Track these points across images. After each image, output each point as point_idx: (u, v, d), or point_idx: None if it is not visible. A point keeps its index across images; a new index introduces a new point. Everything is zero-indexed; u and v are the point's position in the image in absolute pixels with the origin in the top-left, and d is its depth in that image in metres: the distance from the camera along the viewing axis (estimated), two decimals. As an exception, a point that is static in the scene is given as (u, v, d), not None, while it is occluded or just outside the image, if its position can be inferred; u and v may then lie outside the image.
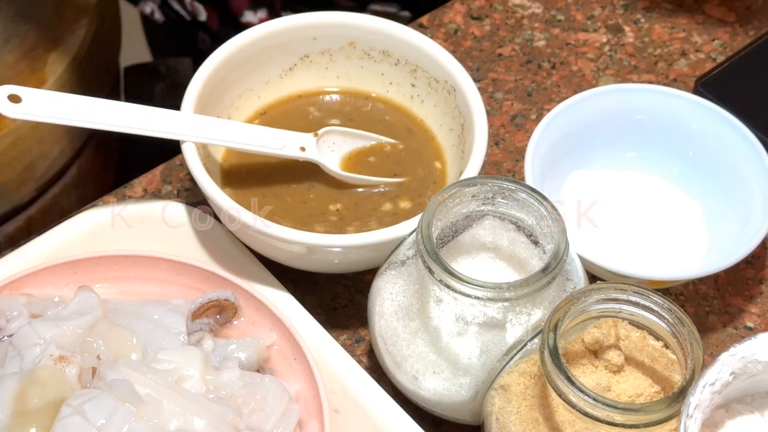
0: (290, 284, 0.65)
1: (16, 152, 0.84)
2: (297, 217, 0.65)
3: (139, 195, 0.71)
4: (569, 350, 0.56)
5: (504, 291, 0.55)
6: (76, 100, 0.62)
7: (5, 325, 0.58)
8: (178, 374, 0.56)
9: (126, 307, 0.60)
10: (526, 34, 0.80)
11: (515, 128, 0.76)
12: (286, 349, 0.61)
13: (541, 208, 0.57)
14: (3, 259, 0.64)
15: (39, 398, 0.53)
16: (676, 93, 0.70)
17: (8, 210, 0.86)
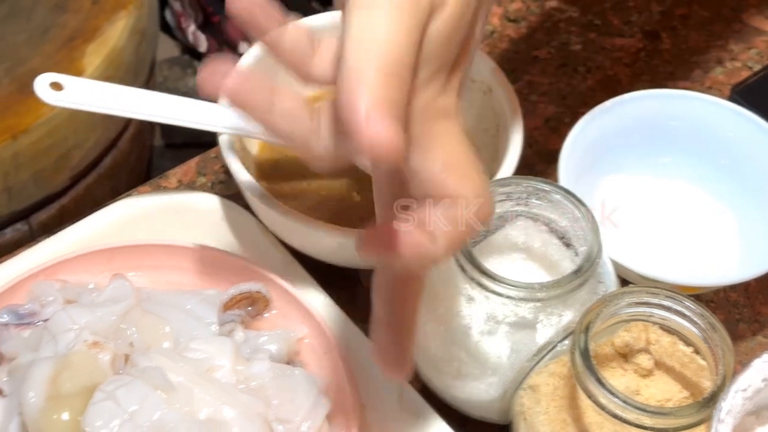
0: (322, 278, 0.65)
1: (52, 141, 0.85)
2: (331, 211, 0.65)
3: (173, 186, 0.72)
4: (599, 353, 0.56)
5: (536, 291, 0.55)
6: (118, 90, 0.62)
7: (40, 310, 0.59)
8: (209, 364, 0.56)
9: (159, 296, 0.60)
10: (563, 38, 0.80)
11: (549, 131, 0.76)
12: (316, 342, 0.61)
13: (575, 210, 0.57)
14: (39, 246, 0.64)
15: (72, 383, 0.54)
16: (711, 100, 0.70)
17: (42, 198, 0.87)
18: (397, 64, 0.44)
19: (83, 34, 0.87)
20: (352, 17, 0.44)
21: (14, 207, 0.85)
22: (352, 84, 0.43)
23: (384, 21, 0.44)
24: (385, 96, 0.43)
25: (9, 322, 0.58)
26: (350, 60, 0.43)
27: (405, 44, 0.44)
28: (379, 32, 0.44)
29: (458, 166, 0.47)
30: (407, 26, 0.45)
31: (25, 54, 0.87)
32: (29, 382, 0.54)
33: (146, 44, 0.93)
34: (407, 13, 0.45)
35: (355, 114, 0.42)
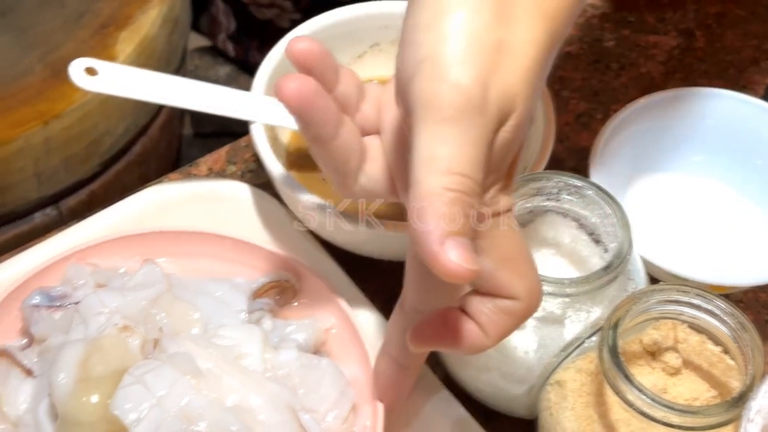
0: (350, 269, 0.65)
1: (83, 127, 0.85)
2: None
3: (204, 174, 0.72)
4: (627, 350, 0.56)
5: (565, 286, 0.55)
6: (152, 76, 0.62)
7: (72, 292, 0.59)
8: (237, 351, 0.57)
9: (189, 283, 0.61)
10: (596, 34, 0.80)
11: (580, 127, 0.76)
12: (343, 333, 0.61)
13: (606, 207, 0.57)
14: (71, 229, 0.65)
15: (102, 366, 0.54)
16: (746, 99, 0.69)
17: (72, 183, 0.88)
18: (468, 184, 0.44)
19: (116, 21, 0.88)
20: (421, 135, 0.44)
21: (44, 192, 0.86)
22: (424, 209, 0.43)
23: (453, 138, 0.44)
24: (457, 220, 0.43)
25: (40, 303, 0.59)
26: (422, 185, 0.44)
27: (475, 160, 0.44)
28: (449, 151, 0.44)
29: (513, 264, 0.48)
30: (476, 142, 0.44)
31: (58, 40, 0.87)
32: (59, 364, 0.54)
33: (178, 33, 0.94)
34: (475, 129, 0.44)
35: (429, 244, 0.43)
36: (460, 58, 0.44)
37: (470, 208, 0.44)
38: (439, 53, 0.44)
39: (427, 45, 0.45)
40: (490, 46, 0.45)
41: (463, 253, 0.43)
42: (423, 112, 0.44)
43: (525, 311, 0.48)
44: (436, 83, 0.44)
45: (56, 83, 0.84)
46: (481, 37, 0.45)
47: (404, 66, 0.46)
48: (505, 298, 0.48)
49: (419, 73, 0.45)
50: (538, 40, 0.47)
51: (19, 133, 0.81)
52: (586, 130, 0.75)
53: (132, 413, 0.52)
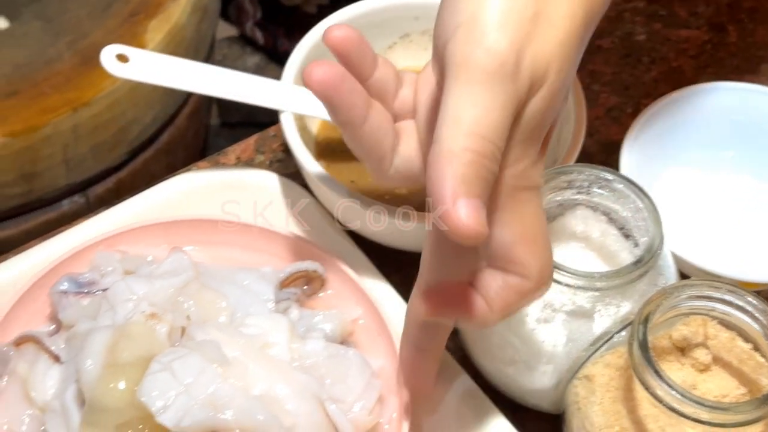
0: (377, 261, 0.65)
1: (112, 115, 0.85)
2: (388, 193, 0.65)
3: (232, 163, 0.72)
4: (656, 345, 0.56)
5: (595, 280, 0.54)
6: (182, 64, 0.62)
7: (100, 279, 0.59)
8: (264, 340, 0.56)
9: (216, 271, 0.61)
10: (627, 28, 0.80)
11: (610, 121, 0.75)
12: (370, 324, 0.61)
13: (637, 201, 0.57)
14: (99, 216, 0.65)
15: (129, 352, 0.54)
16: (778, 94, 0.69)
17: (100, 171, 0.88)
18: (489, 148, 0.44)
19: (146, 9, 0.88)
20: (450, 94, 0.45)
21: (72, 179, 0.86)
22: (441, 165, 0.44)
23: (481, 101, 0.45)
24: (473, 182, 0.44)
25: (68, 290, 0.59)
26: (444, 142, 0.44)
27: (500, 127, 0.45)
28: (475, 115, 0.45)
29: (531, 240, 0.48)
30: (503, 108, 0.45)
31: (87, 28, 0.87)
32: (87, 350, 0.54)
33: (207, 22, 0.94)
34: (505, 94, 0.45)
35: (442, 197, 0.43)
36: (496, 25, 0.45)
37: (488, 172, 0.45)
38: (477, 18, 0.46)
39: (466, 10, 0.46)
40: (527, 16, 0.46)
41: (474, 213, 0.43)
42: (456, 74, 0.45)
43: (533, 291, 0.49)
44: (472, 46, 0.45)
45: (85, 71, 0.84)
46: (519, 7, 0.46)
47: (442, 29, 0.47)
48: (516, 275, 0.48)
49: (456, 36, 0.46)
50: (574, 14, 0.47)
51: (49, 120, 0.81)
52: (617, 124, 0.75)
53: (159, 400, 0.52)
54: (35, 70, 0.84)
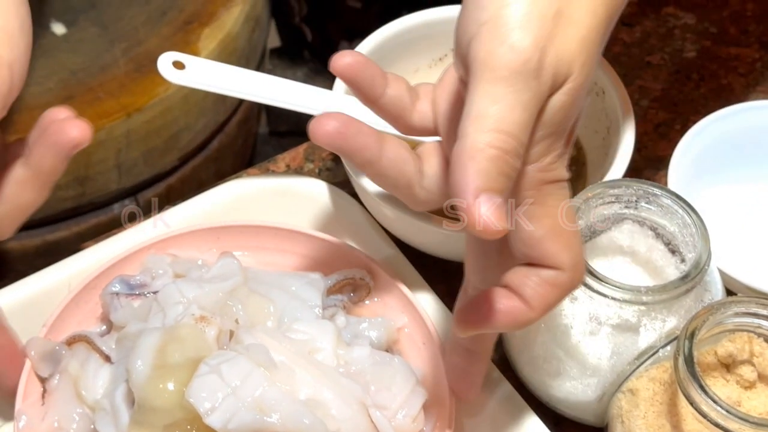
0: (422, 270, 0.65)
1: (164, 121, 0.87)
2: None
3: (281, 170, 0.73)
4: (701, 361, 0.56)
5: (642, 295, 0.55)
6: (236, 72, 0.63)
7: (151, 281, 0.61)
8: (311, 345, 0.57)
9: (265, 276, 0.61)
10: (677, 44, 0.80)
11: (658, 137, 0.75)
12: (415, 332, 0.61)
13: (685, 216, 0.57)
14: (151, 221, 0.66)
15: (179, 354, 0.55)
16: (829, 114, 0.68)
17: (151, 176, 0.89)
18: (511, 145, 0.45)
19: (200, 18, 0.89)
20: (475, 92, 0.46)
21: (124, 183, 0.87)
22: (464, 161, 0.45)
23: (505, 98, 0.45)
24: (495, 178, 0.45)
25: (120, 291, 0.60)
26: (467, 139, 0.45)
27: (522, 124, 0.46)
28: (498, 112, 0.45)
29: (559, 235, 0.49)
30: (526, 105, 0.46)
31: (142, 35, 0.89)
32: (138, 351, 0.55)
33: (259, 31, 0.95)
34: (528, 91, 0.46)
35: (464, 194, 0.44)
36: (520, 23, 0.46)
37: (510, 168, 0.45)
38: (501, 17, 0.46)
39: (489, 9, 0.47)
40: (550, 14, 0.47)
41: (495, 209, 0.44)
42: (480, 71, 0.46)
43: (569, 283, 0.49)
44: (496, 44, 0.46)
45: (139, 77, 0.86)
46: (542, 6, 0.47)
47: (465, 28, 0.48)
48: (549, 268, 0.48)
49: (480, 35, 0.47)
50: (595, 11, 0.48)
51: (103, 125, 0.83)
52: (665, 139, 0.75)
53: (207, 402, 0.53)
54: (90, 76, 0.86)
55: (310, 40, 1.14)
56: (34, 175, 0.52)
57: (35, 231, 0.87)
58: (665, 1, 0.82)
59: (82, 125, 0.51)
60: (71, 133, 0.50)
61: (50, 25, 0.90)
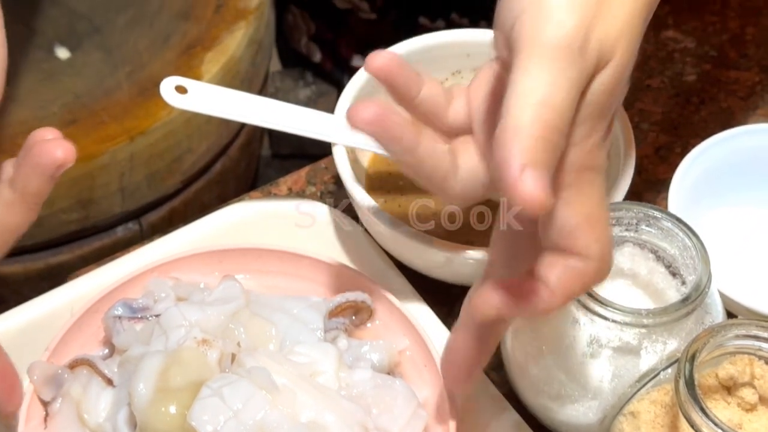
0: (424, 293, 0.66)
1: (167, 145, 0.87)
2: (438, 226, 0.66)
3: (284, 194, 0.73)
4: (702, 383, 0.56)
5: (642, 317, 0.55)
6: (239, 96, 0.64)
7: (153, 305, 0.61)
8: (313, 368, 0.57)
9: (267, 300, 0.62)
10: (677, 68, 0.80)
11: (659, 160, 0.75)
12: (417, 355, 0.62)
13: (685, 239, 0.57)
14: (153, 244, 0.66)
15: (181, 377, 0.55)
16: (829, 137, 0.69)
17: (154, 200, 0.90)
18: (556, 121, 0.45)
19: (203, 42, 0.90)
20: (518, 70, 0.46)
21: (127, 206, 0.88)
22: (509, 139, 0.44)
23: (549, 77, 0.45)
24: (540, 153, 0.44)
25: (122, 315, 0.60)
26: (511, 115, 0.45)
27: (567, 102, 0.46)
28: (543, 89, 0.45)
29: (593, 224, 0.48)
30: (571, 83, 0.46)
31: (146, 59, 0.89)
32: (140, 374, 0.55)
33: (262, 55, 0.95)
34: (573, 70, 0.46)
35: (508, 170, 0.44)
36: (565, 3, 0.47)
37: (555, 146, 0.45)
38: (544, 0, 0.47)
39: None
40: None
41: (540, 183, 0.43)
42: (525, 49, 0.46)
43: (595, 274, 0.48)
44: (541, 22, 0.46)
45: (142, 101, 0.86)
46: None
47: (507, 13, 0.48)
48: (577, 256, 0.48)
49: (524, 14, 0.47)
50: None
51: (106, 149, 0.83)
52: (665, 163, 0.75)
53: (209, 425, 0.53)
54: (94, 100, 0.86)
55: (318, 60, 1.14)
56: (20, 197, 0.51)
57: (38, 254, 0.88)
58: (665, 25, 0.82)
59: (67, 146, 0.51)
60: (55, 154, 0.50)
61: (54, 49, 0.91)
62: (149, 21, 0.92)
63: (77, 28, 0.91)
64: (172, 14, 0.91)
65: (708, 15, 0.83)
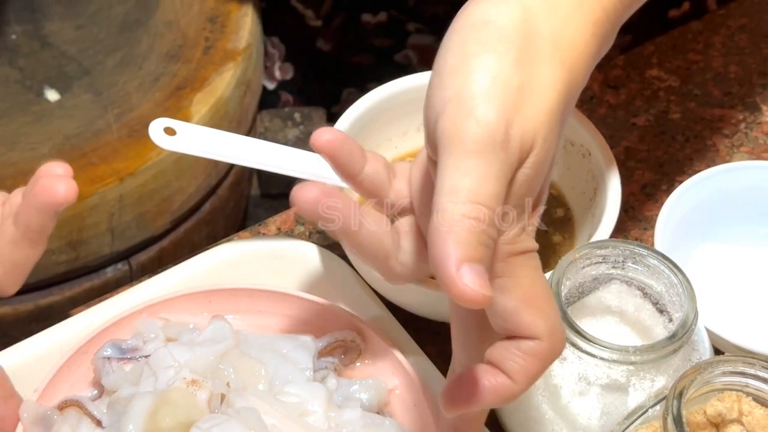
0: (413, 331, 0.66)
1: (157, 185, 0.87)
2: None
3: (272, 233, 0.74)
4: (691, 420, 0.56)
5: (630, 354, 0.55)
6: (227, 137, 0.64)
7: (142, 345, 0.61)
8: (302, 408, 0.57)
9: (256, 339, 0.62)
10: (662, 106, 0.81)
11: (645, 197, 0.76)
12: (406, 394, 0.62)
13: (671, 276, 0.57)
14: (143, 284, 0.66)
15: (170, 418, 0.55)
16: (813, 173, 0.69)
17: (143, 240, 0.90)
18: (486, 215, 0.46)
19: (192, 83, 0.90)
20: (445, 168, 0.47)
21: (117, 247, 0.88)
22: (442, 233, 0.45)
23: (476, 171, 0.46)
24: (474, 248, 0.45)
25: (112, 355, 0.60)
26: (442, 210, 0.46)
27: (495, 195, 0.46)
28: (471, 182, 0.46)
29: (534, 303, 0.49)
30: (496, 176, 0.46)
31: (135, 101, 0.90)
32: (129, 415, 0.55)
33: (250, 95, 0.96)
34: (497, 163, 0.47)
35: (446, 268, 0.45)
36: (484, 97, 0.47)
37: (488, 238, 0.46)
38: (465, 92, 0.47)
39: (454, 86, 0.48)
40: (513, 87, 0.48)
41: (478, 278, 0.44)
42: (448, 146, 0.47)
43: (549, 352, 0.48)
44: (462, 119, 0.47)
45: (132, 142, 0.87)
46: (505, 79, 0.48)
47: (432, 106, 0.49)
48: (527, 339, 0.48)
49: (446, 111, 0.47)
50: (556, 86, 0.49)
51: (96, 190, 0.84)
52: (651, 200, 0.76)
53: (198, 465, 0.53)
54: (84, 141, 0.87)
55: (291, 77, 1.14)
56: (23, 234, 0.52)
57: (28, 296, 0.88)
58: (650, 65, 0.83)
59: (69, 183, 0.51)
60: (56, 192, 0.51)
61: (44, 91, 0.91)
62: (138, 63, 0.92)
63: (67, 70, 0.92)
64: (161, 56, 0.92)
65: (692, 54, 0.84)
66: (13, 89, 0.91)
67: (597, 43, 0.52)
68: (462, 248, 0.45)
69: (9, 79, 0.91)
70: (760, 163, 0.71)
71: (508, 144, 0.47)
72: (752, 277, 0.69)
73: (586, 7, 0.52)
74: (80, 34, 0.94)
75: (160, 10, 0.95)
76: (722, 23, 0.86)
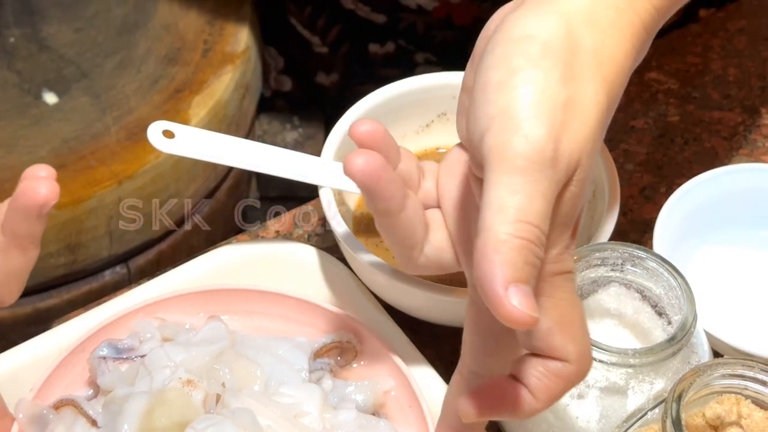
0: (411, 333, 0.65)
1: (155, 188, 0.87)
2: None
3: (271, 236, 0.74)
4: (689, 423, 0.55)
5: (629, 357, 0.55)
6: (226, 140, 0.64)
7: (138, 345, 0.61)
8: (297, 409, 0.57)
9: (252, 340, 0.62)
10: (661, 109, 0.81)
11: (644, 200, 0.76)
12: (402, 396, 0.61)
13: (670, 279, 0.57)
14: (140, 287, 0.66)
15: (165, 418, 0.55)
16: (812, 176, 0.69)
17: (142, 243, 0.90)
18: (534, 234, 0.45)
19: (190, 86, 0.90)
20: (492, 185, 0.46)
21: (115, 250, 0.88)
22: (490, 253, 0.44)
23: (523, 189, 0.45)
24: (522, 269, 0.44)
25: (108, 355, 0.60)
26: (489, 228, 0.45)
27: (543, 211, 0.45)
28: (519, 201, 0.45)
29: (567, 326, 0.48)
30: (544, 195, 0.46)
31: (133, 103, 0.90)
32: (124, 415, 0.55)
33: (249, 98, 0.96)
34: (545, 181, 0.46)
35: (493, 288, 0.44)
36: (532, 114, 0.46)
37: (535, 258, 0.45)
38: (512, 108, 0.46)
39: (499, 102, 0.47)
40: (560, 103, 0.47)
41: (526, 299, 0.44)
42: (496, 164, 0.46)
43: (575, 375, 0.48)
44: (510, 135, 0.46)
45: (130, 145, 0.87)
46: (552, 95, 0.47)
47: (476, 122, 0.48)
48: (556, 360, 0.48)
49: (492, 127, 0.46)
50: (600, 100, 0.48)
51: (94, 193, 0.84)
52: (650, 203, 0.75)
53: (193, 466, 0.53)
54: (82, 144, 0.87)
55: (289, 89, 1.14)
56: (12, 241, 0.51)
57: (26, 299, 0.88)
58: (649, 67, 0.83)
59: (50, 184, 0.50)
60: (37, 194, 0.50)
61: (42, 94, 0.91)
62: (137, 65, 0.92)
63: (65, 73, 0.92)
64: (159, 59, 0.92)
65: (691, 57, 0.84)
66: (12, 92, 0.91)
67: (635, 55, 0.51)
68: (509, 269, 0.44)
69: (7, 82, 0.91)
70: (759, 165, 0.71)
71: (556, 162, 0.46)
72: (751, 280, 0.68)
73: (625, 18, 0.51)
74: (78, 37, 0.94)
75: (158, 13, 0.95)
76: (721, 26, 0.86)
